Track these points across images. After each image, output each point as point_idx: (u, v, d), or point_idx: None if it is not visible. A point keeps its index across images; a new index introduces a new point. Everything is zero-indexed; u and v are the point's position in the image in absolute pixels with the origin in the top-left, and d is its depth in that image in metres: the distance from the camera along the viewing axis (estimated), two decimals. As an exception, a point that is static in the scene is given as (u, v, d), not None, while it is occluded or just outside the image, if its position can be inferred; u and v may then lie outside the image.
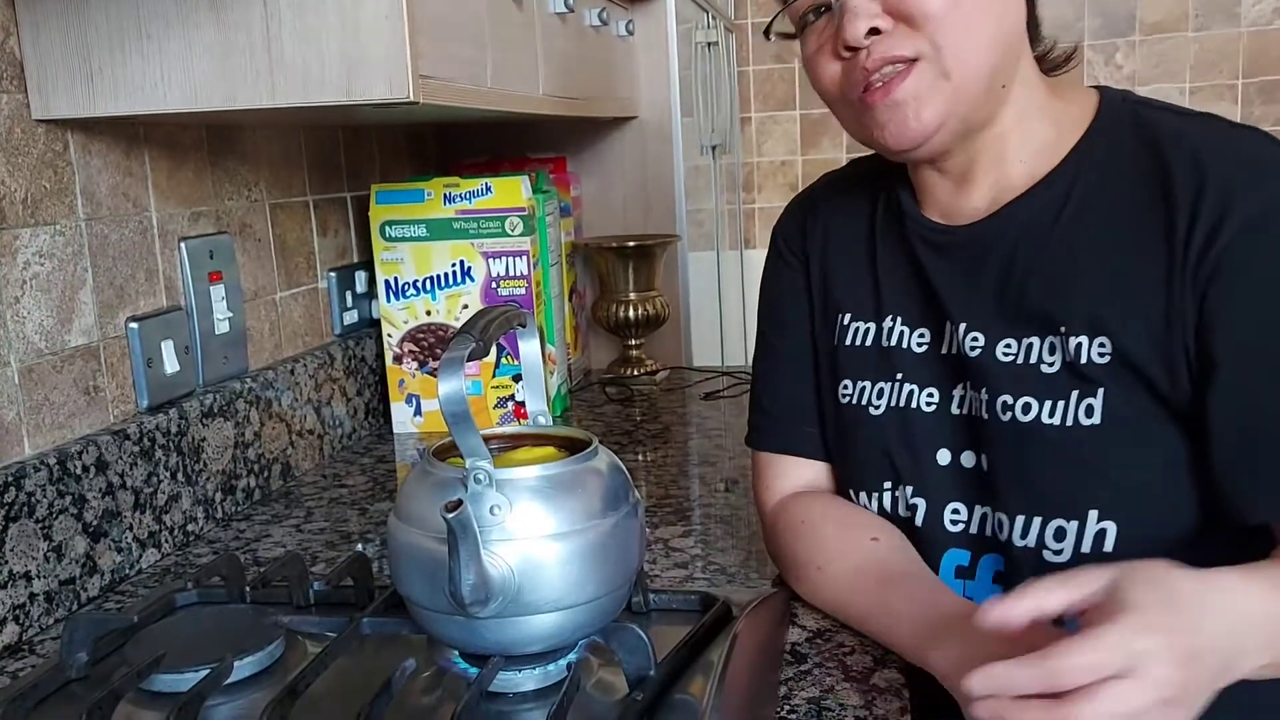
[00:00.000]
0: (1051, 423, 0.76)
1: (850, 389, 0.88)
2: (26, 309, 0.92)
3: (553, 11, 1.27)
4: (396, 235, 1.45)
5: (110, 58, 0.90)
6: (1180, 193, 0.73)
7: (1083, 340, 0.75)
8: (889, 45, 0.76)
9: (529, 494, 0.71)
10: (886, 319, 0.87)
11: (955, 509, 0.82)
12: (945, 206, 0.84)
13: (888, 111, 0.77)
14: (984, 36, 0.76)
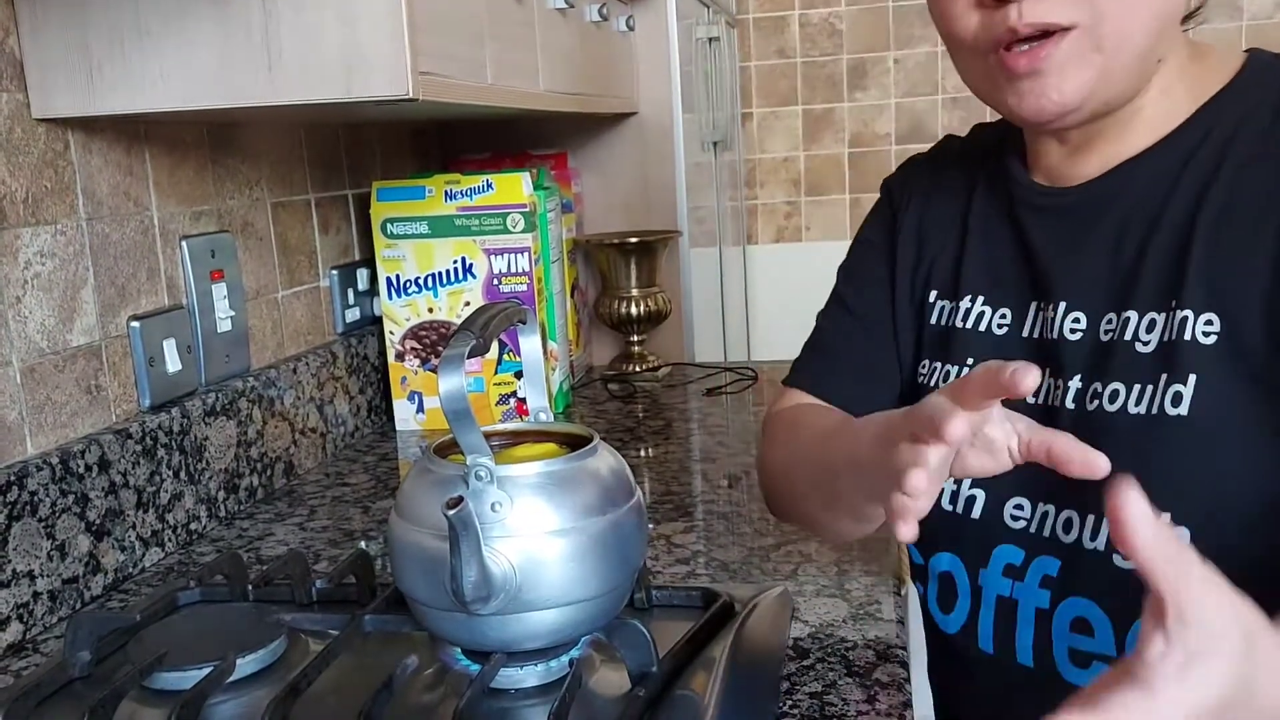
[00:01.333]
0: (1137, 412, 0.69)
1: (926, 369, 0.85)
2: (28, 308, 0.92)
3: (552, 7, 1.27)
4: (398, 232, 1.45)
5: (109, 56, 0.90)
6: None
7: (1189, 315, 0.68)
8: (1044, 8, 0.67)
9: (530, 491, 0.71)
10: (965, 298, 0.82)
11: (1019, 504, 0.76)
12: (1053, 170, 0.78)
13: (1028, 81, 0.69)
14: (1149, 10, 0.68)
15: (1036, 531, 0.75)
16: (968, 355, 0.81)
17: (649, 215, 1.82)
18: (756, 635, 0.79)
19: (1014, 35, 0.68)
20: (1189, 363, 0.68)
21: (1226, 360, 0.67)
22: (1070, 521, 0.73)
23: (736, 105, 2.49)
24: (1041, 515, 0.75)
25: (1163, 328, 0.70)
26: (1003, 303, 0.80)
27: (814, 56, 2.63)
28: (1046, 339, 0.76)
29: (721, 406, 1.56)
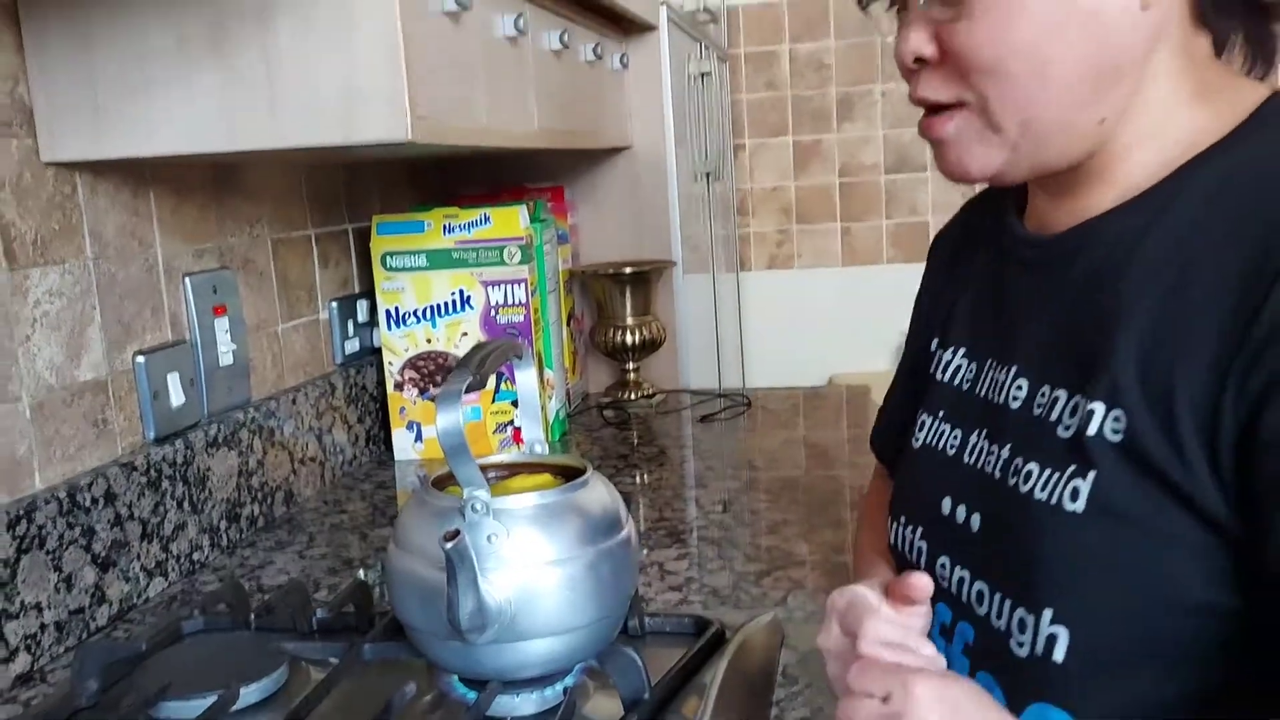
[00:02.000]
0: (1040, 498, 0.65)
1: (919, 415, 0.83)
2: (37, 346, 0.95)
3: (547, 48, 1.30)
4: (397, 265, 1.48)
5: (116, 102, 0.93)
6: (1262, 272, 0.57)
7: (1098, 406, 0.62)
8: (930, 86, 0.67)
9: (525, 522, 0.73)
10: (948, 350, 0.81)
11: (943, 562, 0.74)
12: (1038, 217, 0.74)
13: (937, 147, 0.70)
14: (1054, 86, 0.64)
15: (958, 594, 0.72)
16: (939, 408, 0.79)
17: (643, 245, 1.85)
18: (747, 662, 0.81)
19: (915, 104, 0.69)
20: (1093, 457, 0.62)
21: (1128, 463, 0.61)
22: (983, 594, 0.69)
23: (728, 137, 2.53)
24: (960, 579, 0.72)
25: (1080, 414, 0.64)
26: (974, 357, 0.78)
27: (803, 90, 2.68)
28: (993, 401, 0.73)
29: (715, 433, 1.59)
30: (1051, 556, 0.64)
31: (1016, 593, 0.66)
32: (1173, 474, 0.60)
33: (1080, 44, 0.63)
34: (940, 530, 0.75)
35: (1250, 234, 0.58)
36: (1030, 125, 0.65)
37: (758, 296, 2.73)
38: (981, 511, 0.71)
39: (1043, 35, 0.62)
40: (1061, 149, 0.66)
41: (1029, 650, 0.64)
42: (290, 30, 0.89)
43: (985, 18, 0.63)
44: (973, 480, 0.72)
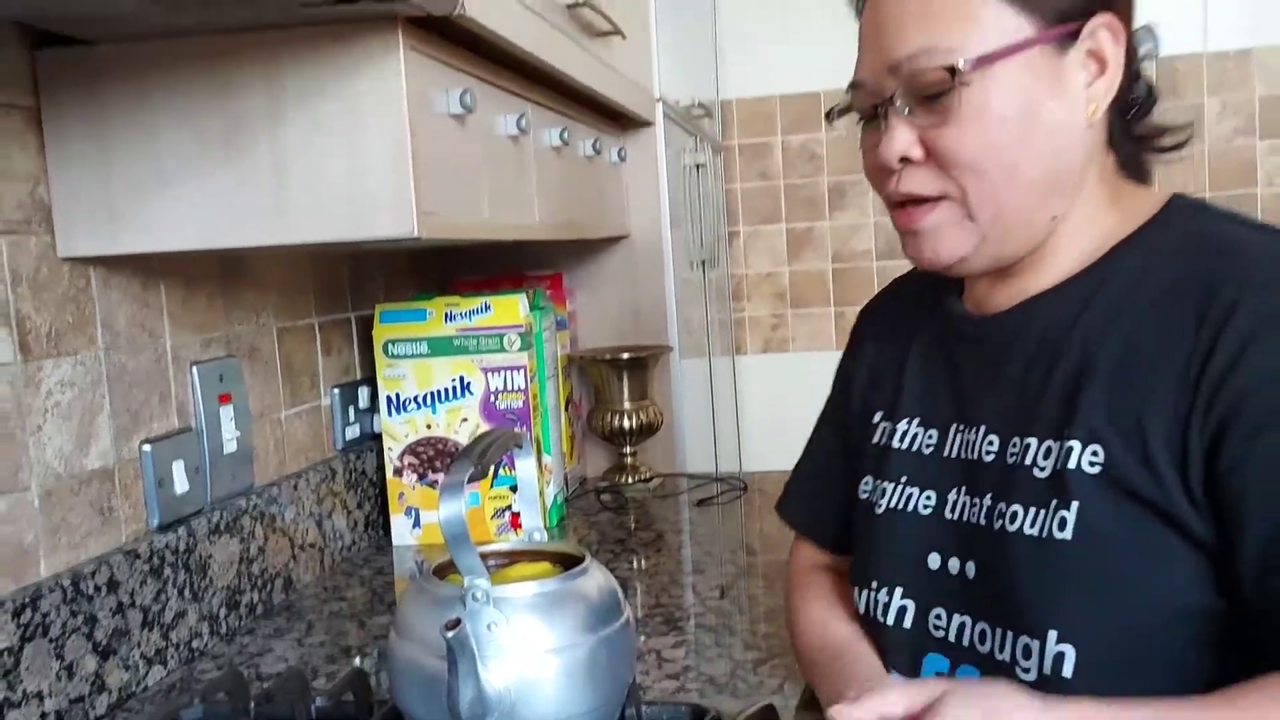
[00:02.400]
0: (1031, 533, 0.74)
1: (868, 486, 0.90)
2: (48, 435, 0.97)
3: (547, 145, 1.35)
4: (399, 353, 1.51)
5: (131, 200, 0.97)
6: (1207, 322, 0.69)
7: (1075, 445, 0.73)
8: (916, 181, 0.77)
9: (525, 611, 0.74)
10: (902, 421, 0.88)
11: (938, 614, 0.81)
12: (979, 300, 0.85)
13: (911, 237, 0.80)
14: (1021, 185, 0.75)
15: (956, 640, 0.80)
16: (901, 474, 0.86)
17: (640, 330, 1.88)
18: (743, 749, 0.82)
19: (891, 200, 0.80)
20: (1076, 490, 0.72)
21: (1107, 491, 0.71)
22: (985, 633, 0.78)
23: (723, 224, 2.59)
24: (959, 625, 0.80)
25: (1055, 455, 0.74)
26: (932, 424, 0.86)
27: (795, 179, 2.75)
28: (966, 459, 0.81)
29: (712, 517, 1.60)
30: (1049, 582, 0.73)
31: (1019, 623, 0.75)
32: (1151, 496, 0.70)
33: (1042, 151, 0.75)
34: (931, 585, 0.82)
35: (1189, 295, 0.71)
36: (1000, 217, 0.76)
37: (754, 380, 2.76)
38: (974, 559, 0.79)
39: (1013, 140, 0.75)
40: (1020, 240, 0.78)
41: (1037, 673, 0.73)
42: (301, 131, 0.93)
43: (969, 123, 0.74)
44: (959, 533, 0.81)
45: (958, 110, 0.74)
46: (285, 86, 0.93)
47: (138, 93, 0.95)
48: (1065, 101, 0.75)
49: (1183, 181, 2.61)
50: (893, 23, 0.76)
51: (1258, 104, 2.57)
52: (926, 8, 0.75)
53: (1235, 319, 0.68)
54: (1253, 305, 0.68)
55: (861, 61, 0.80)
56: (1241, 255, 0.72)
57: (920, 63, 0.74)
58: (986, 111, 0.74)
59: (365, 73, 0.92)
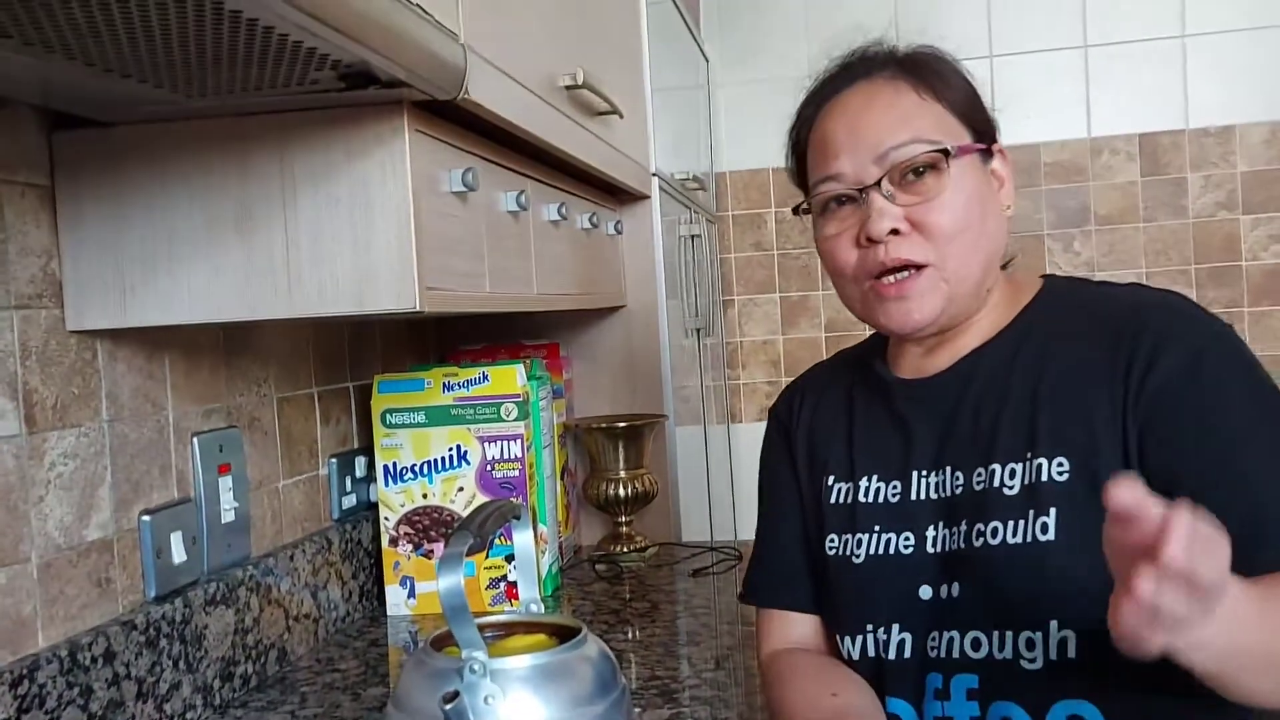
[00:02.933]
0: (1015, 542, 0.86)
1: (835, 542, 0.99)
2: (49, 507, 0.98)
3: (546, 219, 1.39)
4: (397, 422, 1.52)
5: (142, 277, 0.99)
6: (1123, 336, 0.88)
7: (1043, 461, 0.87)
8: (906, 249, 0.91)
9: (521, 684, 0.75)
10: (862, 479, 0.99)
11: (934, 637, 0.92)
12: (915, 367, 0.99)
13: (895, 303, 0.92)
14: (980, 254, 0.93)
15: (947, 655, 0.90)
16: (874, 524, 0.96)
17: (636, 399, 1.90)
18: (739, 825, 0.82)
19: (883, 268, 0.92)
20: (1049, 498, 0.86)
21: (1082, 488, 0.85)
22: (978, 641, 0.89)
23: (718, 293, 2.63)
24: (948, 641, 0.90)
25: (1023, 473, 0.88)
26: (893, 477, 0.97)
27: (788, 249, 2.80)
28: (936, 498, 0.93)
29: (707, 587, 1.60)
30: (1043, 579, 0.84)
31: (1017, 623, 0.86)
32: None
33: (990, 231, 0.95)
34: (924, 614, 0.92)
35: (1103, 329, 0.90)
36: (964, 282, 0.93)
37: (749, 448, 2.77)
38: (960, 580, 0.90)
39: (977, 218, 0.93)
40: (965, 305, 0.94)
41: (1043, 660, 0.85)
42: (310, 209, 0.96)
43: (951, 200, 0.92)
44: (943, 562, 0.92)
45: (944, 187, 0.91)
46: (295, 167, 0.96)
47: (151, 173, 0.98)
48: (993, 199, 0.96)
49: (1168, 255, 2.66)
50: (879, 123, 0.93)
51: (1239, 179, 2.64)
52: (907, 114, 0.93)
53: (1147, 330, 0.87)
54: (1154, 326, 0.87)
55: (837, 158, 0.94)
56: (1127, 299, 0.93)
57: (912, 150, 0.91)
58: (961, 191, 0.92)
59: (373, 154, 0.95)
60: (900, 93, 0.94)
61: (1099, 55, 2.68)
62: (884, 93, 0.94)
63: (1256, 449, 0.84)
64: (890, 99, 0.94)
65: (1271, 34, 2.60)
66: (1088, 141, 2.69)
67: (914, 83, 0.94)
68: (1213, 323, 0.89)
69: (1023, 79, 2.69)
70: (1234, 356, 0.87)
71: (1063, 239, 2.71)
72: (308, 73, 0.84)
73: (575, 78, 1.34)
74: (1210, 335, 0.87)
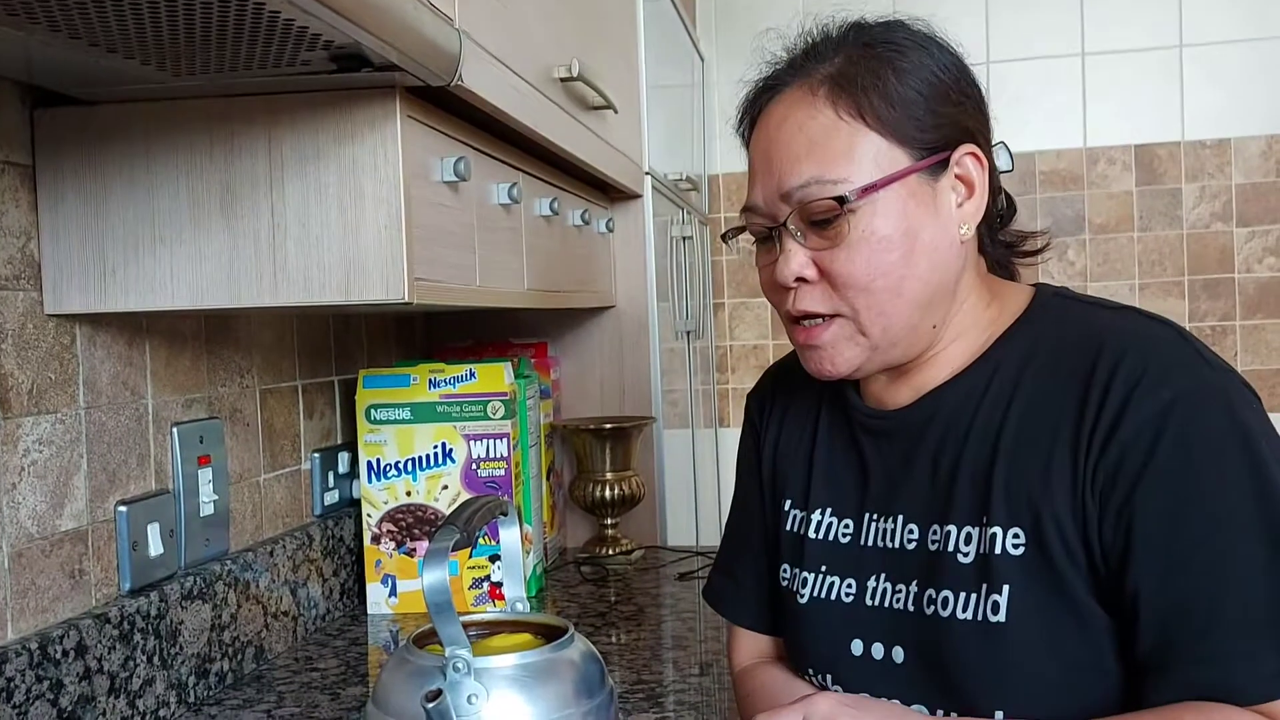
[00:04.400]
0: (965, 618, 0.79)
1: (787, 574, 0.94)
2: (22, 495, 0.95)
3: (538, 214, 1.36)
4: (381, 418, 1.50)
5: (124, 260, 0.97)
6: (1093, 387, 0.77)
7: (998, 531, 0.78)
8: (810, 300, 0.83)
9: (506, 683, 0.73)
10: (815, 511, 0.92)
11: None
12: (878, 396, 0.90)
13: (809, 351, 0.85)
14: (907, 299, 0.81)
15: None
16: (820, 563, 0.90)
17: (624, 401, 1.88)
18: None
19: (789, 317, 0.85)
20: (1004, 573, 0.78)
21: (1038, 566, 0.77)
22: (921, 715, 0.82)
23: (708, 296, 2.61)
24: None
25: (978, 541, 0.80)
26: (845, 514, 0.90)
27: (782, 252, 2.79)
28: (885, 548, 0.86)
29: (693, 591, 1.58)
30: (991, 665, 0.77)
31: (962, 705, 0.79)
32: (1071, 571, 0.76)
33: (922, 269, 0.81)
34: (855, 670, 0.86)
35: (1071, 369, 0.79)
36: (888, 331, 0.82)
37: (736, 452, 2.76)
38: (903, 644, 0.83)
39: (897, 261, 0.81)
40: (906, 349, 0.84)
41: None
42: (297, 195, 0.94)
43: (858, 247, 0.80)
44: (883, 620, 0.85)
45: (847, 235, 0.80)
46: (284, 150, 0.94)
47: (135, 153, 0.96)
48: (940, 222, 0.82)
49: (1162, 265, 2.66)
50: (784, 155, 0.82)
51: (1234, 191, 2.64)
52: (814, 143, 0.81)
53: (1115, 384, 0.76)
54: (1127, 369, 0.76)
55: (755, 187, 0.85)
56: (1110, 329, 0.80)
57: (811, 192, 0.80)
58: (872, 235, 0.80)
59: (364, 139, 0.93)
60: (816, 111, 0.81)
61: (1096, 63, 2.68)
62: (797, 112, 0.82)
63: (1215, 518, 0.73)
64: (802, 119, 0.82)
65: (1269, 45, 2.60)
66: (1084, 151, 2.69)
67: (836, 97, 0.81)
68: (1201, 369, 0.76)
69: (1020, 86, 2.68)
70: (1212, 409, 0.74)
71: (1058, 247, 2.70)
72: (298, 53, 0.82)
73: (570, 70, 1.33)
74: (1190, 384, 0.75)
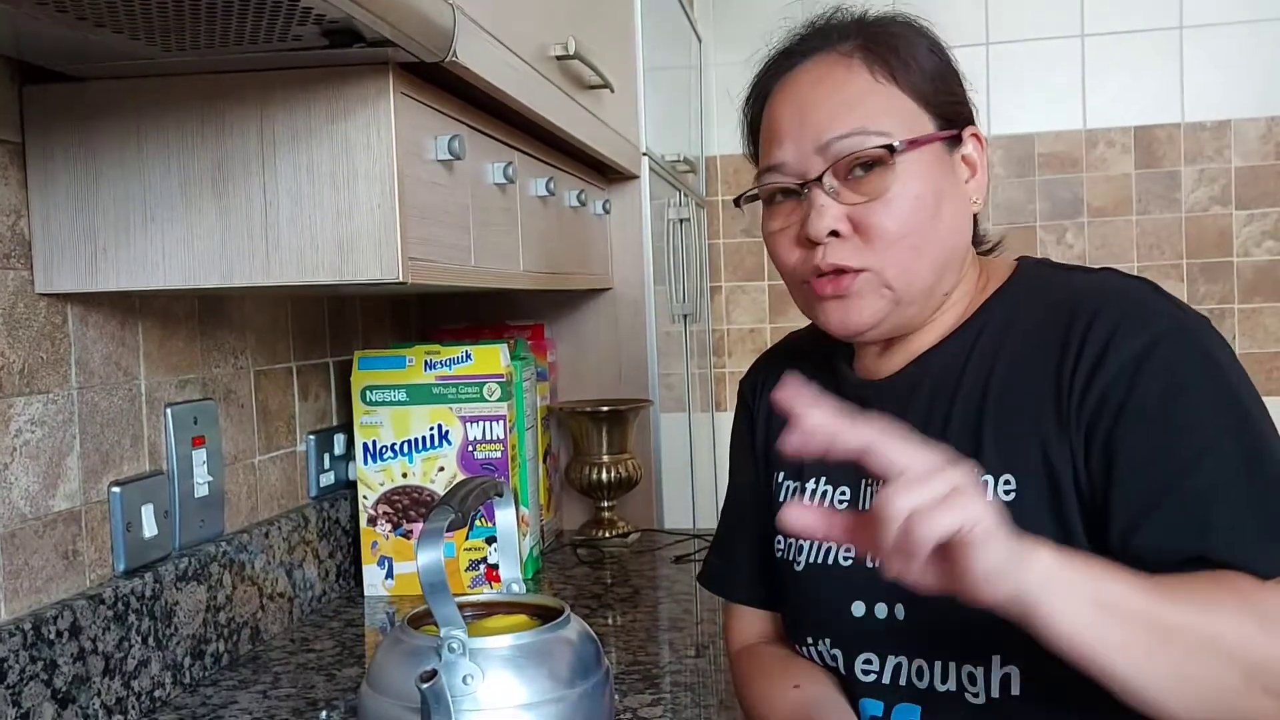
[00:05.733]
0: None
1: (781, 544, 0.95)
2: (14, 475, 0.95)
3: (534, 194, 1.35)
4: (377, 400, 1.49)
5: (115, 238, 0.96)
6: (1073, 335, 0.81)
7: (989, 479, 0.81)
8: (842, 254, 0.84)
9: (501, 663, 0.72)
10: (810, 480, 0.93)
11: (867, 659, 0.86)
12: (870, 366, 0.93)
13: (833, 303, 0.86)
14: (929, 259, 0.85)
15: (890, 682, 0.85)
16: None
17: (620, 384, 1.88)
18: (722, 813, 0.80)
19: (817, 271, 0.85)
20: None
21: (1026, 514, 0.77)
22: (922, 670, 0.84)
23: (705, 279, 2.60)
24: (895, 667, 0.85)
25: None
26: (842, 482, 0.91)
27: (779, 235, 2.78)
28: None
29: (689, 574, 1.58)
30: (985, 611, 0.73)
31: (960, 654, 0.81)
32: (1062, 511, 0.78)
33: (945, 231, 0.86)
34: (856, 632, 0.87)
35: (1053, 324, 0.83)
36: (910, 288, 0.85)
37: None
38: (904, 601, 0.84)
39: (926, 220, 0.84)
40: (919, 311, 0.87)
41: (985, 697, 0.80)
42: (290, 173, 0.93)
43: (896, 202, 0.83)
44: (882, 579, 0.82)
45: (887, 189, 0.83)
46: (275, 127, 0.93)
47: (126, 131, 0.94)
48: (957, 191, 0.87)
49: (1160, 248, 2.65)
50: (822, 110, 0.85)
51: (1233, 174, 2.63)
52: (855, 99, 0.85)
53: (1094, 330, 0.79)
54: (1107, 317, 0.80)
55: (783, 145, 0.87)
56: (1087, 286, 0.84)
57: (855, 142, 0.83)
58: (907, 191, 0.83)
59: (356, 116, 0.92)
60: (853, 73, 0.86)
61: (1095, 45, 2.66)
62: (834, 73, 0.86)
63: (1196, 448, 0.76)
64: (840, 80, 0.86)
65: (1269, 27, 2.58)
66: (1083, 133, 2.68)
67: (870, 62, 0.86)
68: (1176, 314, 0.81)
69: (1019, 68, 2.67)
70: (1189, 349, 0.78)
71: (1055, 230, 2.69)
72: (290, 27, 0.81)
73: (567, 47, 1.31)
74: (1166, 327, 0.79)
